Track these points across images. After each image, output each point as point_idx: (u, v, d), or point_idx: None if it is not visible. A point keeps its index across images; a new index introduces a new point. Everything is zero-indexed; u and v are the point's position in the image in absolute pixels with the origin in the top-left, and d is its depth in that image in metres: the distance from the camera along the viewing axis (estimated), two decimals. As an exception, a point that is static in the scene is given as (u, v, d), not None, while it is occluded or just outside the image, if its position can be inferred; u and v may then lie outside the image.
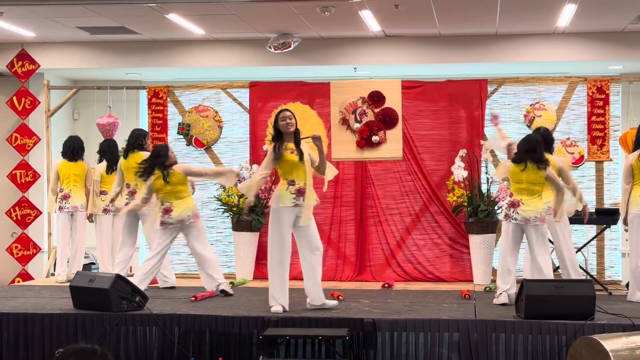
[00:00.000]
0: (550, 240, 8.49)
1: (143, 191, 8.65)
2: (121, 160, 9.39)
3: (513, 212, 7.83)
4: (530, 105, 10.44)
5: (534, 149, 7.77)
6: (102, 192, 9.96)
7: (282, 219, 7.38)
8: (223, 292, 8.54)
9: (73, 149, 10.13)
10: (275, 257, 7.45)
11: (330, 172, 7.78)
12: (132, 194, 9.27)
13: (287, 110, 7.57)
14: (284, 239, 7.40)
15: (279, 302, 7.34)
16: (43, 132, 11.18)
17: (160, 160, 8.43)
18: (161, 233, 8.40)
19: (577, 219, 9.50)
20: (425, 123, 10.48)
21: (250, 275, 10.35)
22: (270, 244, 7.48)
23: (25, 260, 11.05)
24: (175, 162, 8.59)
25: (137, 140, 9.33)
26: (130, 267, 10.87)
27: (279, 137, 7.47)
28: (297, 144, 7.43)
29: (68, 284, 8.36)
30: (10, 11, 9.11)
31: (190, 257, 10.92)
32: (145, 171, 8.45)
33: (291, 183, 7.40)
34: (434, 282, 10.08)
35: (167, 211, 8.36)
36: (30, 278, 10.87)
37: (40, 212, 11.04)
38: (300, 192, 7.38)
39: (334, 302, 7.65)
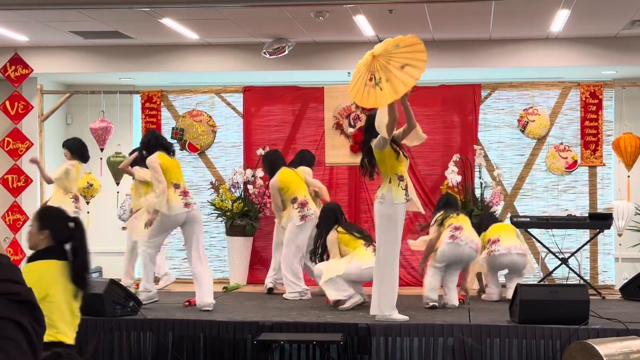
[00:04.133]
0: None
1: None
2: (163, 158, 8.03)
3: None
4: (524, 110, 10.47)
5: None
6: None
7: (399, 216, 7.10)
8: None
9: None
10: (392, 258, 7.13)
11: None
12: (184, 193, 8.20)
13: None
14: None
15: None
16: (36, 136, 11.14)
17: None
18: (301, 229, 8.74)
19: (569, 222, 9.53)
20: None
21: (244, 280, 10.33)
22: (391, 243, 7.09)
23: (16, 266, 11.02)
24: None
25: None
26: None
27: None
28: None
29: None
30: (3, 15, 9.09)
31: (184, 262, 10.91)
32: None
33: (400, 179, 7.12)
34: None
35: (303, 205, 8.74)
36: None
37: (28, 218, 10.96)
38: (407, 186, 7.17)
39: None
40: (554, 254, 9.47)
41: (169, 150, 8.09)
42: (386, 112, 6.80)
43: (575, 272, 9.40)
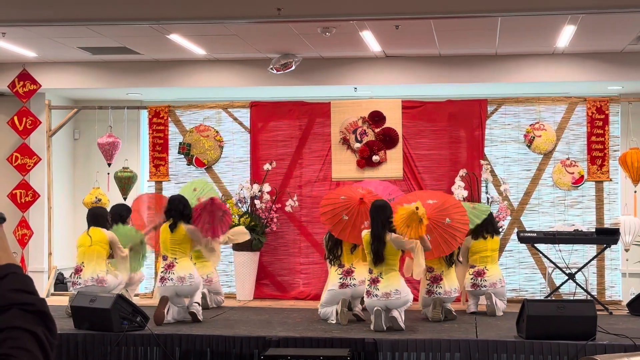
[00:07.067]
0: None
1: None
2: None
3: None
4: (530, 125, 10.47)
5: None
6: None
7: None
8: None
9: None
10: None
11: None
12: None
13: None
14: None
15: None
16: (44, 151, 11.18)
17: None
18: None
19: (576, 238, 9.52)
20: (426, 143, 10.50)
21: (250, 295, 10.34)
22: None
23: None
24: None
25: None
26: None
27: None
28: None
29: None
30: (12, 31, 9.15)
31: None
32: None
33: None
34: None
35: (375, 281, 7.74)
36: None
37: (33, 232, 10.96)
38: None
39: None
40: (560, 269, 9.46)
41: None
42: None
43: (582, 288, 9.38)
